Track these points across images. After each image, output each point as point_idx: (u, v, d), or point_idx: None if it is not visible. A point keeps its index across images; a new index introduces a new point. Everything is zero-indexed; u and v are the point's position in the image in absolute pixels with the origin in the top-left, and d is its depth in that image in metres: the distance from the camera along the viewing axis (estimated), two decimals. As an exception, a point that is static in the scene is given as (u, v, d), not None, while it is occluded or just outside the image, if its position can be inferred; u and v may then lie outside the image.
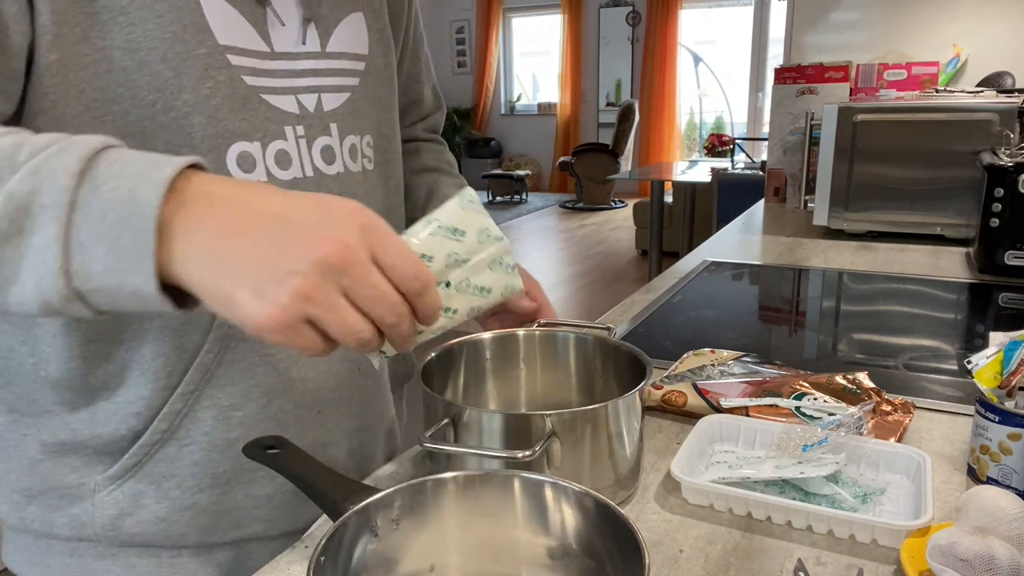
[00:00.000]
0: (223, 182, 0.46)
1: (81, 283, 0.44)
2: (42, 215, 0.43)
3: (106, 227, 0.43)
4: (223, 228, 0.44)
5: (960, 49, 2.79)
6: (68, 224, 0.43)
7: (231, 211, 0.44)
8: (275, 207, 0.44)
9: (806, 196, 2.08)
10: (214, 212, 0.44)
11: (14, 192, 0.43)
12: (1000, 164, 1.41)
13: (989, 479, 0.69)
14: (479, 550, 0.53)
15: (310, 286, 0.42)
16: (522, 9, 9.21)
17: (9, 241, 0.44)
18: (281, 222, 0.44)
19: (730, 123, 8.15)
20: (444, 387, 0.75)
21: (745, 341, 1.12)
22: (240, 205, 0.44)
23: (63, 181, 0.43)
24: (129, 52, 0.56)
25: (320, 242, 0.43)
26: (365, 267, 0.44)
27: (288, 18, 0.66)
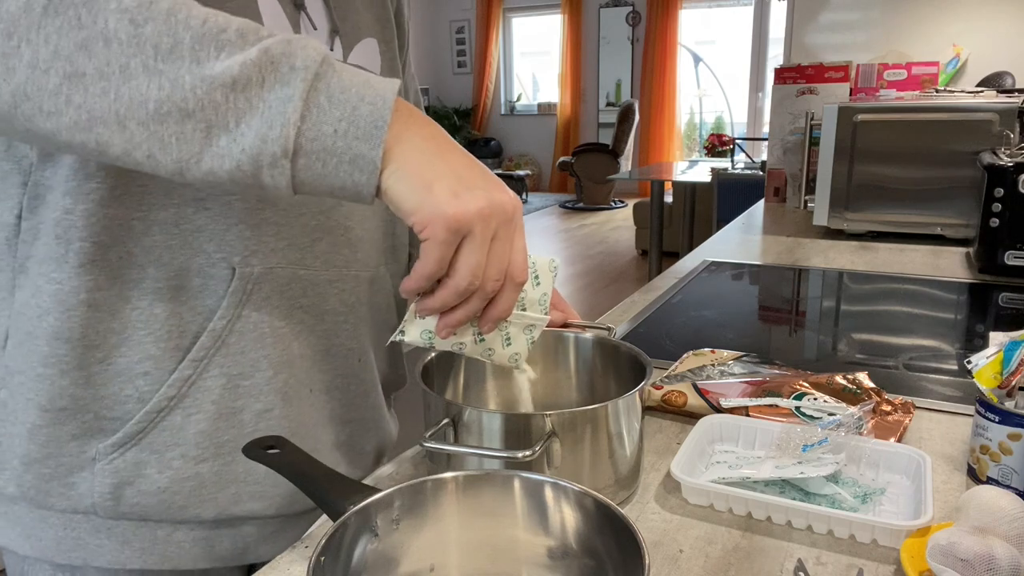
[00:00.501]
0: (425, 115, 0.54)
1: (307, 141, 0.48)
2: (291, 74, 0.48)
3: (346, 99, 0.49)
4: (435, 138, 0.53)
5: (960, 49, 2.79)
6: (312, 87, 0.48)
7: (438, 132, 0.53)
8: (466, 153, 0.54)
9: (806, 196, 2.08)
10: (426, 127, 0.53)
11: (270, 48, 0.47)
12: (1000, 164, 1.41)
13: (989, 479, 0.69)
14: (479, 550, 0.53)
15: (489, 211, 0.51)
16: (522, 9, 9.21)
17: (245, 90, 0.47)
18: (476, 163, 0.54)
19: (730, 123, 8.15)
20: (444, 387, 0.75)
21: (745, 341, 1.12)
22: (442, 134, 0.53)
23: (313, 55, 0.48)
24: None
25: (503, 192, 0.53)
26: (512, 230, 0.54)
27: (320, 26, 0.70)
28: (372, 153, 0.49)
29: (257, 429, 0.69)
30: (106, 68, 0.46)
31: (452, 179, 0.51)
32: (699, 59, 8.44)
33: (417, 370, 0.69)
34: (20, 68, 0.45)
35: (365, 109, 0.49)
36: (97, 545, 0.69)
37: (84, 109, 0.46)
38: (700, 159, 7.25)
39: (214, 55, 0.46)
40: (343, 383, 0.77)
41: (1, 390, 0.67)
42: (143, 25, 0.46)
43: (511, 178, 8.44)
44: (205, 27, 0.47)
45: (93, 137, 0.47)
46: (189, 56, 0.46)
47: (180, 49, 0.46)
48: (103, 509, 0.67)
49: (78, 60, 0.45)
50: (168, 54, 0.46)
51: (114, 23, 0.45)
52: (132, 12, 0.46)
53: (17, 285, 0.64)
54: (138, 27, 0.45)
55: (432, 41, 9.40)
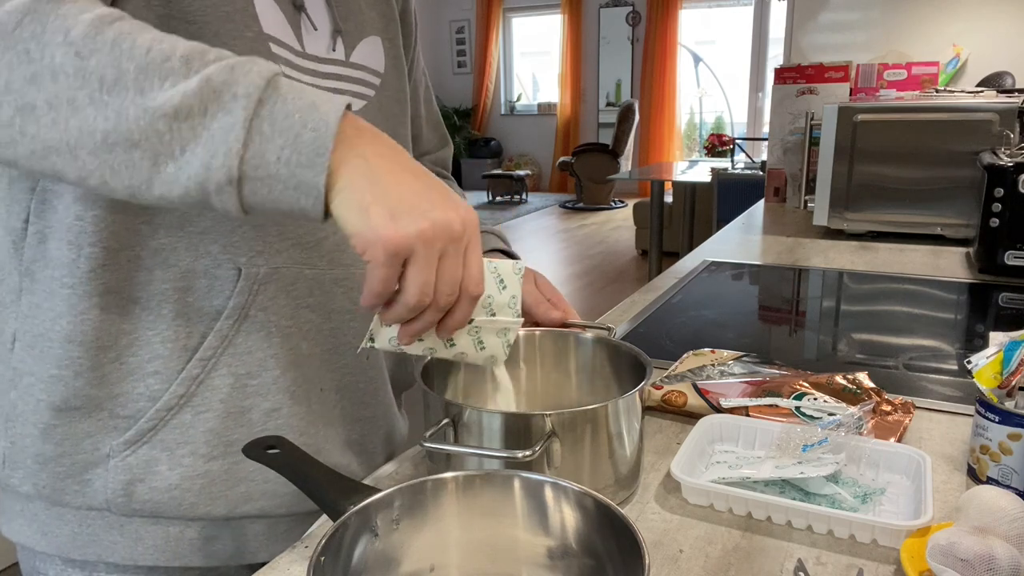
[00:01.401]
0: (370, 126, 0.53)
1: (251, 169, 0.49)
2: (232, 102, 0.48)
3: (288, 125, 0.49)
4: (381, 157, 0.52)
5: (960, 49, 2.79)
6: (255, 115, 0.48)
7: (387, 151, 0.53)
8: (419, 170, 0.54)
9: (806, 196, 2.08)
10: (373, 145, 0.52)
11: (212, 77, 0.48)
12: (1000, 164, 1.41)
13: (989, 479, 0.69)
14: (479, 550, 0.53)
15: (431, 232, 0.51)
16: (522, 9, 9.21)
17: (189, 119, 0.48)
18: (425, 181, 0.53)
19: (730, 123, 8.15)
20: (444, 387, 0.75)
21: (745, 341, 1.12)
22: (392, 151, 0.53)
23: (256, 80, 0.49)
24: (185, 23, 0.60)
25: (451, 210, 0.52)
26: (461, 247, 0.53)
27: (320, 25, 0.71)
28: (315, 180, 0.49)
29: (266, 428, 0.70)
30: (55, 100, 0.47)
31: (393, 201, 0.50)
32: (699, 59, 8.44)
33: (417, 370, 0.69)
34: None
35: (308, 135, 0.49)
36: (111, 542, 0.70)
37: (38, 140, 0.48)
38: (700, 159, 7.25)
39: (158, 85, 0.47)
40: (352, 381, 0.78)
41: (11, 391, 0.68)
42: (88, 58, 0.47)
43: (511, 178, 8.44)
44: (149, 56, 0.48)
45: (49, 165, 0.49)
46: (133, 87, 0.47)
47: (124, 80, 0.47)
48: (116, 506, 0.68)
49: (28, 93, 0.47)
50: (113, 86, 0.47)
51: (60, 57, 0.47)
52: (78, 45, 0.47)
53: (24, 289, 0.65)
54: (83, 60, 0.47)
55: (432, 41, 9.40)
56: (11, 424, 0.69)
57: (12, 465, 0.69)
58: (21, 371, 0.67)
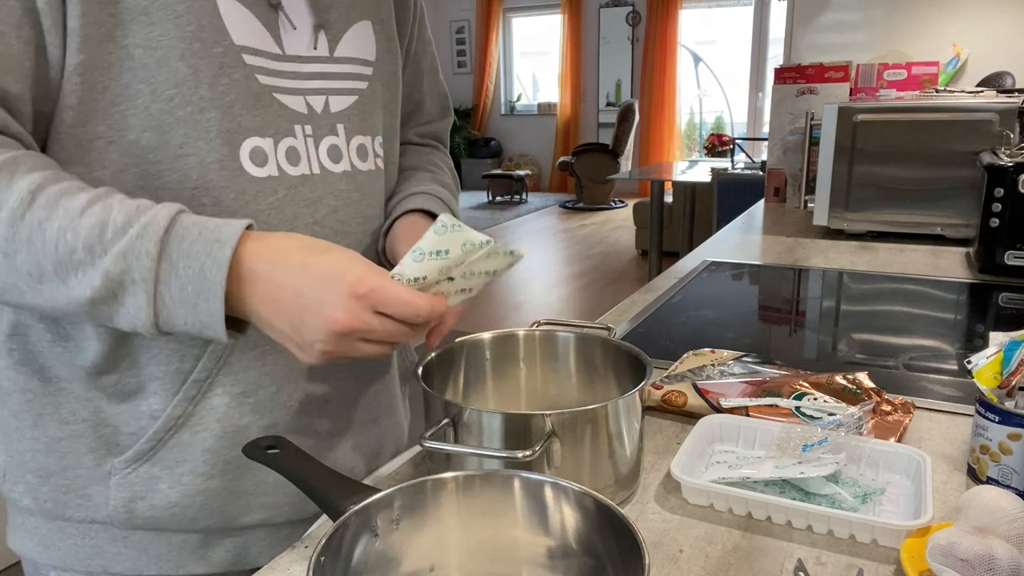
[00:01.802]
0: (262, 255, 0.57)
1: (167, 329, 0.57)
2: (133, 287, 0.55)
3: (184, 297, 0.55)
4: (264, 300, 0.57)
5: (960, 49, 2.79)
6: (155, 294, 0.55)
7: (266, 288, 0.57)
8: (294, 284, 0.57)
9: (806, 196, 2.08)
10: (256, 287, 0.57)
11: (109, 271, 0.54)
12: (1000, 164, 1.41)
13: (989, 479, 0.69)
14: (479, 550, 0.53)
15: (331, 348, 0.57)
16: (522, 9, 9.21)
17: (106, 302, 0.56)
18: (300, 300, 0.56)
19: (730, 123, 8.14)
20: (444, 387, 0.75)
21: (745, 341, 1.12)
22: (271, 283, 0.57)
23: (147, 263, 0.54)
24: (149, 50, 0.60)
25: (330, 320, 0.55)
26: (370, 323, 0.56)
27: (300, 23, 0.69)
28: (217, 335, 0.57)
29: None
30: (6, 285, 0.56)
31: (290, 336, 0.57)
32: (699, 59, 8.44)
33: (417, 370, 0.69)
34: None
35: (202, 306, 0.55)
36: (115, 553, 0.70)
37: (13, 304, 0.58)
38: (700, 159, 7.25)
39: (72, 276, 0.55)
40: (356, 388, 0.78)
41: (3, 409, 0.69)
42: (14, 257, 0.54)
43: (511, 178, 8.45)
44: (58, 252, 0.54)
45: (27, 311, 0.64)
46: (56, 279, 0.55)
47: (47, 275, 0.55)
48: (118, 521, 0.69)
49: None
50: (40, 279, 0.55)
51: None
52: (3, 246, 0.54)
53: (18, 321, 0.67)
54: (10, 259, 0.55)
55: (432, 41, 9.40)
56: (9, 439, 0.69)
57: (12, 479, 0.70)
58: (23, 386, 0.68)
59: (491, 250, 0.60)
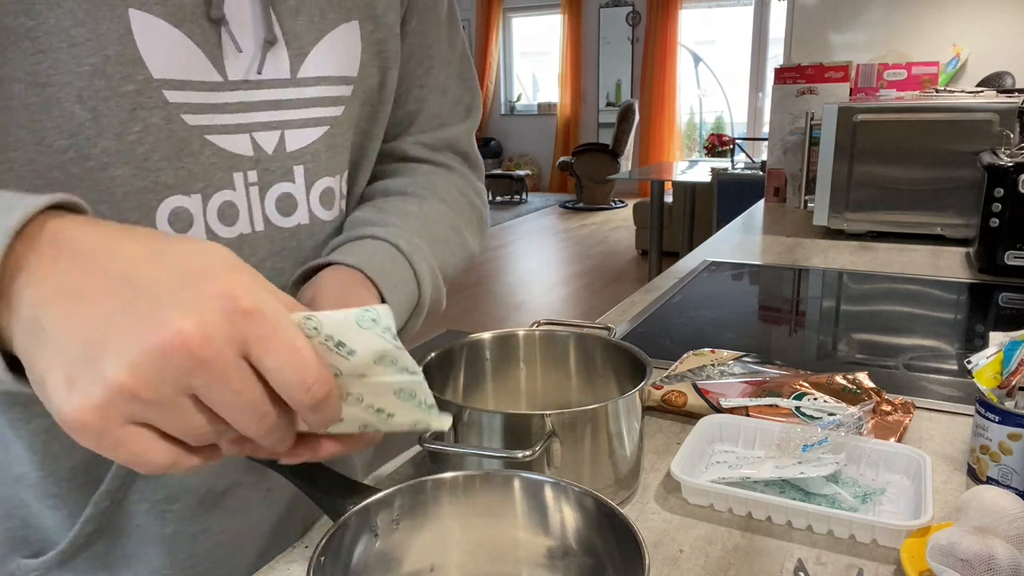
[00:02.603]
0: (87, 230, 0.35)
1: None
2: None
3: None
4: (59, 290, 0.33)
5: (960, 49, 2.79)
6: None
7: (76, 269, 0.34)
8: (132, 269, 0.34)
9: (806, 196, 2.08)
10: (56, 269, 0.34)
11: None
12: (1000, 164, 1.41)
13: (989, 479, 0.69)
14: (479, 550, 0.53)
15: (136, 383, 0.32)
16: (522, 9, 9.21)
17: None
18: (129, 291, 0.33)
19: (730, 123, 8.14)
20: (444, 387, 0.75)
21: (745, 341, 1.12)
22: (91, 262, 0.34)
23: None
24: (34, 87, 0.46)
25: (162, 326, 0.32)
26: (226, 366, 0.33)
27: (249, 39, 0.54)
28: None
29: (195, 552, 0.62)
30: None
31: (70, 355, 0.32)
32: (699, 59, 8.44)
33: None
34: None
35: None
36: None
37: None
38: (700, 159, 7.25)
39: None
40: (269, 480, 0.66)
41: None
42: None
43: (511, 178, 8.45)
44: None
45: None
46: None
47: None
48: None
49: None
50: None
51: None
52: None
53: None
54: None
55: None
56: None
57: None
58: None
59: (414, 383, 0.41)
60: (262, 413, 0.35)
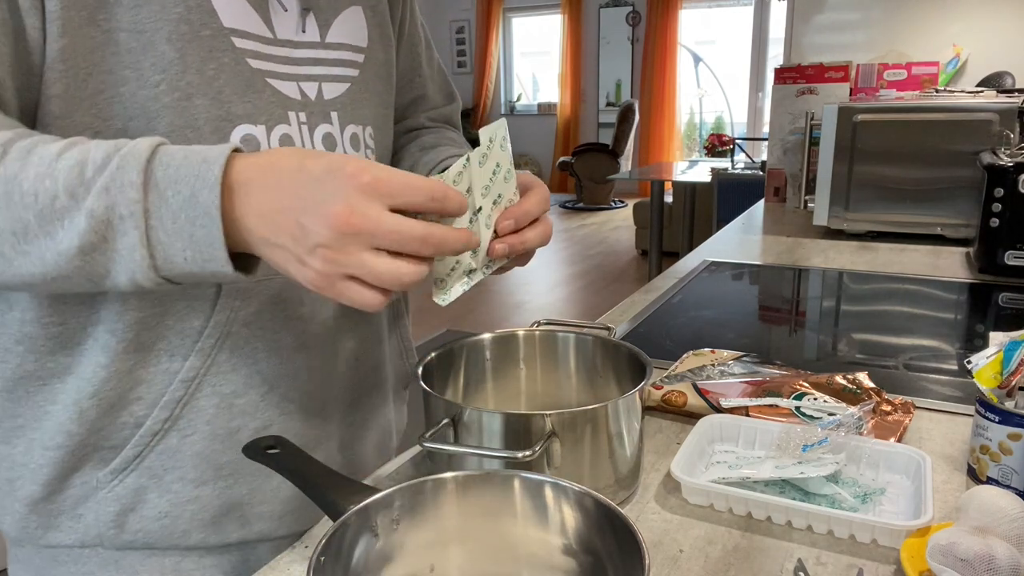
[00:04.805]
0: (253, 167, 0.51)
1: (168, 272, 0.51)
2: (122, 225, 0.49)
3: (179, 227, 0.50)
4: (263, 214, 0.50)
5: (960, 49, 2.79)
6: (147, 229, 0.50)
7: (261, 198, 0.50)
8: (290, 188, 0.50)
9: (806, 196, 2.08)
10: (253, 200, 0.50)
11: (93, 209, 0.49)
12: (1000, 164, 1.41)
13: (989, 479, 0.69)
14: (479, 550, 0.53)
15: (334, 253, 0.49)
16: (522, 9, 9.21)
17: (97, 249, 0.50)
18: (298, 203, 0.49)
19: (730, 123, 8.14)
20: (444, 387, 0.75)
21: (745, 341, 1.12)
22: (266, 193, 0.50)
23: (132, 194, 0.49)
24: (134, 34, 0.57)
25: (331, 216, 0.48)
26: (378, 220, 0.49)
27: (289, 4, 0.66)
28: (223, 268, 0.51)
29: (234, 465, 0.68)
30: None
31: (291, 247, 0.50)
32: (699, 59, 8.44)
33: (417, 370, 0.69)
34: None
35: (199, 233, 0.50)
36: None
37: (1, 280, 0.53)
38: (700, 159, 7.25)
39: (58, 226, 0.50)
40: (346, 391, 0.76)
41: None
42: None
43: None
44: (39, 202, 0.49)
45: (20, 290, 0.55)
46: (42, 235, 0.50)
47: (32, 230, 0.50)
48: (108, 539, 0.66)
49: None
50: (25, 237, 0.50)
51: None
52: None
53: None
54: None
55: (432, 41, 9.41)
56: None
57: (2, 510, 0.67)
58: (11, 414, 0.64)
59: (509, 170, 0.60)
60: (419, 236, 0.50)
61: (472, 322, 4.32)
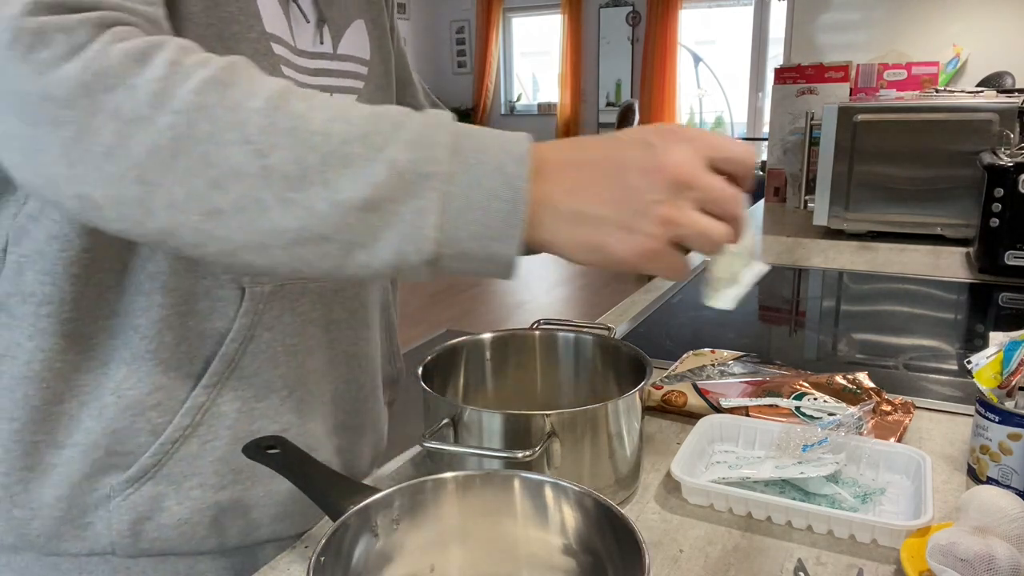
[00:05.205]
0: (552, 148, 0.49)
1: (445, 247, 0.46)
2: (422, 184, 0.45)
3: (477, 198, 0.46)
4: (574, 189, 0.48)
5: (960, 49, 2.79)
6: (446, 193, 0.45)
7: (573, 171, 0.48)
8: (605, 154, 0.49)
9: (806, 196, 2.08)
10: (560, 177, 0.48)
11: (396, 160, 0.45)
12: (1000, 164, 1.41)
13: (989, 479, 0.69)
14: (479, 550, 0.53)
15: (672, 209, 0.47)
16: (522, 9, 9.21)
17: (381, 207, 0.45)
18: (616, 166, 0.48)
19: (730, 123, 8.14)
20: (444, 387, 0.75)
21: (745, 341, 1.12)
22: (577, 164, 0.49)
23: (440, 153, 0.45)
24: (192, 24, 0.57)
25: (663, 168, 0.47)
26: (708, 175, 0.48)
27: (309, 15, 0.67)
28: (507, 252, 0.47)
29: None
30: (241, 203, 0.45)
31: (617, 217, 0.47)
32: (699, 59, 8.44)
33: (417, 370, 0.69)
34: (159, 210, 0.45)
35: (497, 207, 0.46)
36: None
37: (227, 241, 0.46)
38: (700, 159, 7.24)
39: (341, 173, 0.45)
40: (345, 390, 0.76)
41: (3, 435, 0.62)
42: (269, 155, 0.44)
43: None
44: (329, 143, 0.45)
45: (238, 260, 0.48)
46: (318, 180, 0.45)
47: (309, 175, 0.45)
48: (121, 548, 0.64)
49: (213, 198, 0.45)
50: (298, 182, 0.45)
51: (241, 157, 0.44)
52: (256, 142, 0.44)
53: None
54: (264, 158, 0.44)
55: (432, 41, 9.40)
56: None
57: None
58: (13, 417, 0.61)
59: None
60: (735, 196, 0.50)
61: (472, 322, 4.32)
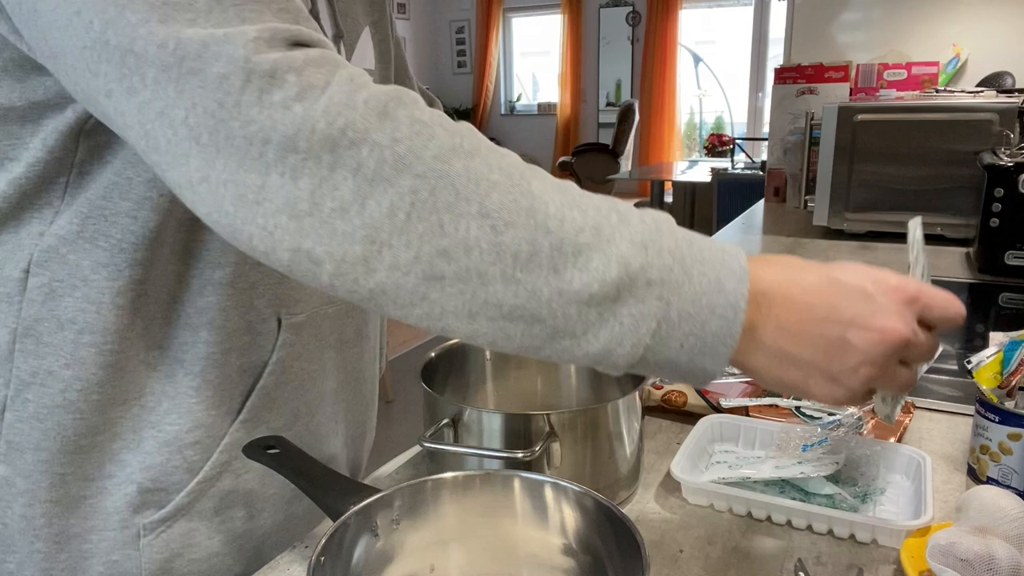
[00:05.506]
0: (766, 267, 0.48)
1: (652, 354, 0.46)
2: (646, 290, 0.44)
3: (696, 312, 0.45)
4: (786, 329, 0.47)
5: (960, 49, 2.79)
6: (668, 303, 0.45)
7: (788, 310, 0.47)
8: (822, 299, 0.47)
9: (806, 196, 2.08)
10: (774, 311, 0.47)
11: (629, 261, 0.44)
12: (1000, 164, 1.41)
13: (989, 479, 0.69)
14: (479, 550, 0.53)
15: (877, 372, 0.47)
16: (522, 9, 9.21)
17: (602, 304, 0.44)
18: (834, 318, 0.47)
19: (730, 123, 8.14)
20: (444, 387, 0.75)
21: (745, 341, 1.12)
22: (793, 301, 0.47)
23: (668, 261, 0.45)
24: None
25: (883, 332, 0.47)
26: (919, 334, 0.48)
27: (328, 31, 0.66)
28: (713, 368, 0.47)
29: None
30: (464, 274, 0.45)
31: (822, 366, 0.47)
32: (699, 59, 8.44)
33: (417, 370, 0.69)
34: (380, 269, 0.45)
35: (714, 324, 0.45)
36: None
37: (437, 305, 0.46)
38: (700, 159, 7.25)
39: (572, 262, 0.44)
40: (354, 403, 0.76)
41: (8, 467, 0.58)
42: (504, 232, 0.44)
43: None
44: (563, 229, 0.44)
45: (439, 325, 0.47)
46: (547, 265, 0.44)
47: (539, 258, 0.44)
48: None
49: (438, 265, 0.45)
50: (527, 263, 0.44)
51: (476, 231, 0.44)
52: (494, 218, 0.44)
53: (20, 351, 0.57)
54: (499, 234, 0.44)
55: (432, 41, 9.40)
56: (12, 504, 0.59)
57: (5, 548, 0.60)
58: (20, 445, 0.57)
59: None
60: (933, 348, 0.50)
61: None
